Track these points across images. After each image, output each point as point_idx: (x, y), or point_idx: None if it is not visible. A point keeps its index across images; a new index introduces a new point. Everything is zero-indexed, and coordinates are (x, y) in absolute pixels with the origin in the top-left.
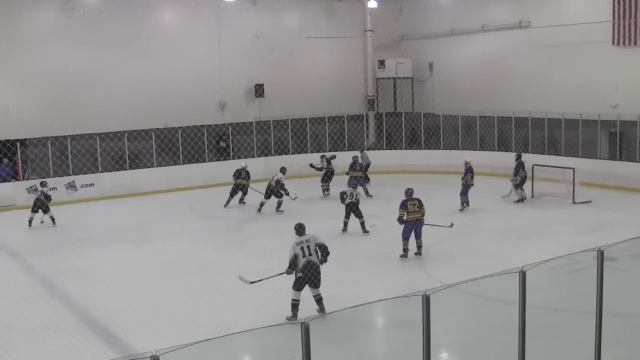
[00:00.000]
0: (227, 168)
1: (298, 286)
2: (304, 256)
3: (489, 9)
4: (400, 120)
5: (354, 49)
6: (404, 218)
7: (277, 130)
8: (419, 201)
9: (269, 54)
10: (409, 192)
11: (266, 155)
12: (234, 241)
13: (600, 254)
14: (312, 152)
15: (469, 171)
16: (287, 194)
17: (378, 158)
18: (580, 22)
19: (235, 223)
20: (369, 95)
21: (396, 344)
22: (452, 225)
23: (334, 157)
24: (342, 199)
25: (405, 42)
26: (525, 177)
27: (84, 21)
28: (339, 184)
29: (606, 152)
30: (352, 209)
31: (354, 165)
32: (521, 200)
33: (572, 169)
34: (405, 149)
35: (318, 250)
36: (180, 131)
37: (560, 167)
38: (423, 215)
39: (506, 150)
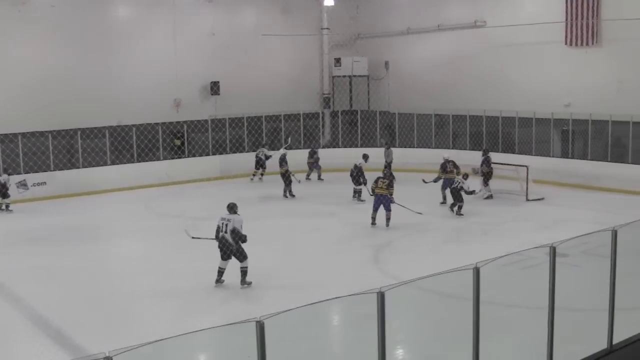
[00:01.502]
0: (182, 166)
1: (222, 256)
2: (222, 231)
3: (444, 8)
4: (356, 118)
5: (310, 47)
6: (375, 191)
7: (233, 128)
8: (390, 182)
9: (225, 51)
10: (384, 172)
11: (221, 153)
12: (188, 240)
13: (553, 251)
14: (268, 149)
15: (448, 166)
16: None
17: (334, 156)
18: (534, 23)
19: (190, 221)
20: (325, 93)
21: (352, 342)
22: (421, 213)
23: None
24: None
25: (361, 40)
26: (489, 173)
27: (35, 16)
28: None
29: (559, 150)
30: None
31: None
32: (489, 197)
33: (526, 166)
34: (361, 146)
35: (233, 234)
36: (134, 129)
37: (514, 165)
38: (390, 193)
39: (461, 149)
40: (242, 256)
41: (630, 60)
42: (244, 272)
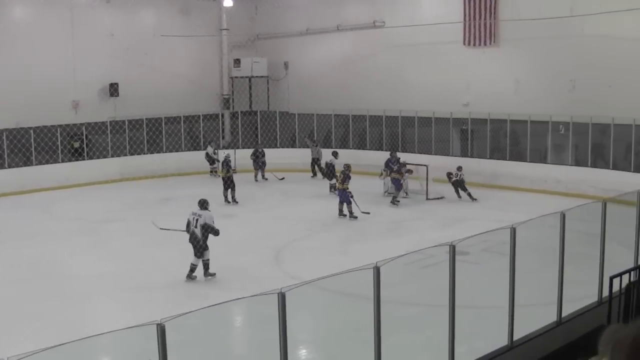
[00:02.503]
0: (81, 169)
1: (194, 252)
2: (192, 226)
3: (344, 9)
4: (255, 119)
5: (209, 48)
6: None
7: (132, 130)
8: (345, 175)
9: (124, 52)
10: (345, 166)
11: (119, 155)
12: (87, 243)
13: (452, 249)
14: (166, 151)
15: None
16: None
17: (234, 157)
18: (432, 23)
19: (91, 224)
20: (225, 94)
21: (254, 343)
22: (369, 213)
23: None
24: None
25: (260, 41)
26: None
27: None
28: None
29: (458, 149)
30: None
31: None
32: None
33: (426, 165)
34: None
35: (202, 230)
36: (32, 131)
37: (414, 165)
38: (345, 188)
39: (362, 149)
40: (199, 253)
41: (527, 59)
42: (193, 268)
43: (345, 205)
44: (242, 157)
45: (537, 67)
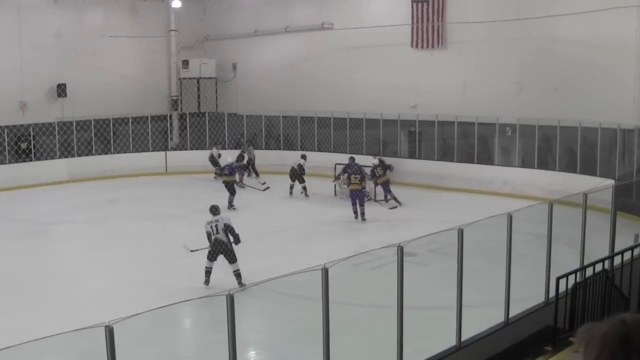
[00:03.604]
0: (28, 170)
1: (209, 256)
2: (213, 234)
3: (292, 11)
4: (204, 120)
5: (158, 49)
6: (349, 188)
7: (80, 130)
8: (362, 176)
9: (72, 53)
10: (355, 167)
11: (67, 156)
12: (34, 245)
13: (400, 250)
14: (114, 152)
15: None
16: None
17: (182, 159)
18: (380, 25)
19: (38, 226)
20: (173, 96)
21: (202, 345)
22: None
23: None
24: None
25: (209, 42)
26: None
27: None
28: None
29: (406, 150)
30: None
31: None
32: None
33: (373, 167)
34: (209, 148)
35: (227, 231)
36: None
37: (361, 166)
38: (363, 187)
39: (311, 150)
40: (233, 257)
41: (475, 62)
42: (237, 275)
43: (358, 206)
44: (191, 157)
45: (484, 69)
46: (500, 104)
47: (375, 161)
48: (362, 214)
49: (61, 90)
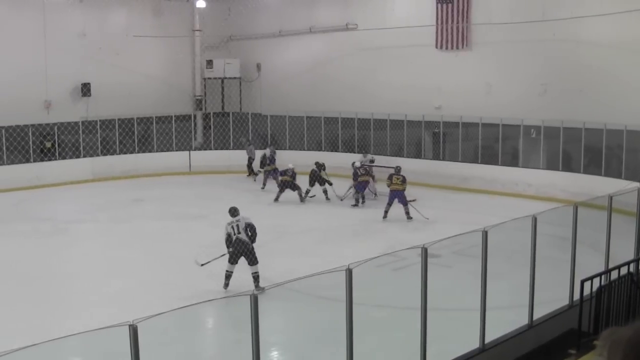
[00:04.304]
0: (52, 169)
1: (230, 260)
2: (235, 234)
3: (316, 11)
4: (228, 120)
5: (182, 49)
6: (391, 187)
7: (104, 130)
8: (403, 177)
9: (96, 52)
10: (396, 169)
11: (91, 155)
12: (57, 244)
13: (424, 251)
14: (138, 152)
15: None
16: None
17: (206, 159)
18: (405, 26)
19: (62, 225)
20: (197, 95)
21: (224, 345)
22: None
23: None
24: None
25: (233, 42)
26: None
27: None
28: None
29: (430, 152)
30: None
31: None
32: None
33: (395, 167)
34: (233, 149)
35: (248, 229)
36: (3, 130)
37: (386, 167)
38: (404, 189)
39: (334, 151)
40: (254, 258)
41: (499, 63)
42: (256, 277)
43: (403, 207)
44: (214, 157)
45: (508, 71)
46: (524, 105)
47: (357, 164)
48: (407, 213)
49: (86, 89)
